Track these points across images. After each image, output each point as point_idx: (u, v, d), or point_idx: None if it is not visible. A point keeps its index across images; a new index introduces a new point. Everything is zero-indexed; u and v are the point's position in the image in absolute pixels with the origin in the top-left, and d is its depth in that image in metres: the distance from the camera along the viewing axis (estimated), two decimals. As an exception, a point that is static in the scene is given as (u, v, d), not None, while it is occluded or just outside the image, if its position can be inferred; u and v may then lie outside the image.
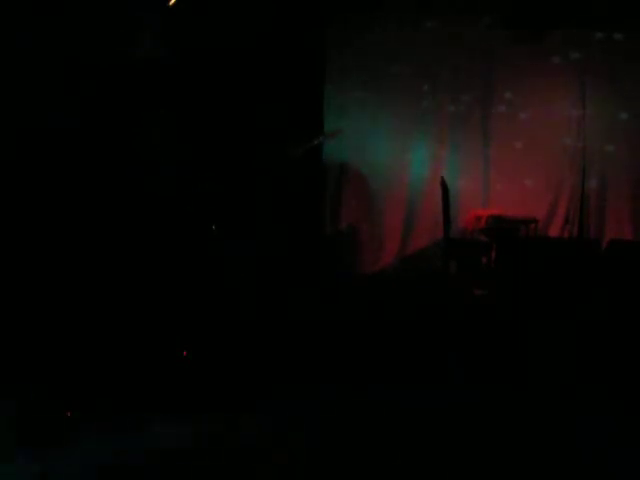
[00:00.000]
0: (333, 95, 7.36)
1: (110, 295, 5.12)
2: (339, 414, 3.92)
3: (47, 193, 5.60)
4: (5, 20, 5.41)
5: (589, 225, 7.22)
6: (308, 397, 4.13)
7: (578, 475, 3.35)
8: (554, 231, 7.26)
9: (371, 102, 7.41)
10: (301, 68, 6.94)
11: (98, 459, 3.30)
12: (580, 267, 6.19)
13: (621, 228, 7.17)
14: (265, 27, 6.75)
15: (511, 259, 6.47)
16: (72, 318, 4.80)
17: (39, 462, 3.23)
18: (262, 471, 3.28)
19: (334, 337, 5.06)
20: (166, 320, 4.89)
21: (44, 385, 3.99)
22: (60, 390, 3.95)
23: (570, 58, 7.15)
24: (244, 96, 6.78)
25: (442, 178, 6.73)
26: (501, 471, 3.37)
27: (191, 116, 6.54)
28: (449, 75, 7.37)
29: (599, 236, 7.14)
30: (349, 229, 7.41)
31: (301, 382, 4.33)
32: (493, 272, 6.60)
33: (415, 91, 7.41)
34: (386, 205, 7.42)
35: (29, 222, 5.45)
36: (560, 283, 6.02)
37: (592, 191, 7.20)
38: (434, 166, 7.34)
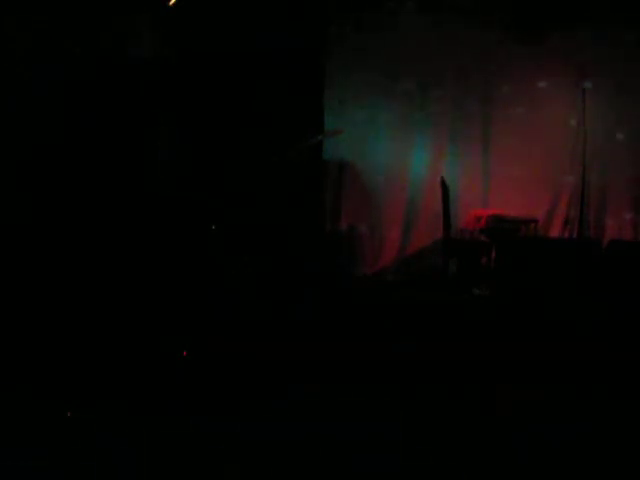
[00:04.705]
0: (333, 95, 7.35)
1: (110, 293, 5.13)
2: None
3: (48, 193, 5.60)
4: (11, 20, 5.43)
5: (589, 225, 7.22)
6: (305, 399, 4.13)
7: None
8: (554, 231, 7.27)
9: (371, 102, 7.40)
10: (301, 68, 6.94)
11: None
12: (580, 267, 6.19)
13: (621, 228, 7.19)
14: (265, 27, 6.75)
15: (511, 259, 6.47)
16: (74, 316, 4.80)
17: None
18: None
19: (334, 337, 5.06)
20: (166, 320, 4.89)
21: (43, 384, 3.99)
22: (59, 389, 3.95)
23: (570, 59, 7.16)
24: (244, 96, 6.79)
25: (442, 178, 6.74)
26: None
27: (192, 116, 6.54)
28: (449, 75, 7.37)
29: (599, 236, 7.15)
30: (349, 229, 7.40)
31: (299, 383, 4.32)
32: (493, 272, 6.60)
33: (415, 91, 7.41)
34: (386, 205, 7.42)
35: (30, 220, 5.45)
36: (560, 283, 6.03)
37: (592, 191, 7.21)
38: (434, 166, 7.33)
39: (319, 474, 3.31)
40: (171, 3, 6.30)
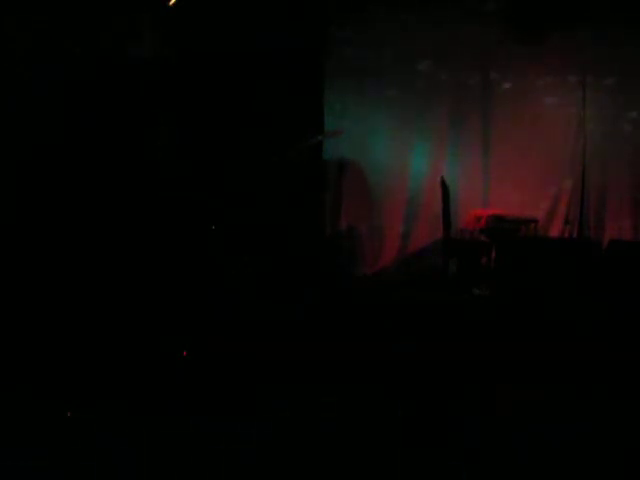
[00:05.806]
0: (333, 95, 7.34)
1: (111, 293, 5.13)
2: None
3: (48, 193, 5.60)
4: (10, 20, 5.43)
5: (589, 225, 7.22)
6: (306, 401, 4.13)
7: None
8: (554, 231, 7.26)
9: (371, 102, 7.40)
10: (301, 68, 6.93)
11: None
12: (580, 267, 6.19)
13: (621, 228, 7.19)
14: (265, 27, 6.75)
15: (511, 259, 6.47)
16: (74, 316, 4.80)
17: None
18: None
19: (334, 337, 5.06)
20: (166, 320, 4.89)
21: (43, 384, 4.00)
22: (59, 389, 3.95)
23: (570, 59, 7.16)
24: (244, 96, 6.78)
25: (442, 178, 6.74)
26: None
27: (192, 116, 6.54)
28: (449, 75, 7.37)
29: (599, 236, 7.15)
30: (349, 229, 7.40)
31: (299, 383, 4.32)
32: (493, 272, 6.60)
33: (415, 90, 7.41)
34: (386, 205, 7.41)
35: (30, 220, 5.45)
36: (560, 283, 6.03)
37: (592, 191, 7.21)
38: (434, 166, 7.33)
39: (319, 474, 3.31)
40: (171, 3, 6.30)
